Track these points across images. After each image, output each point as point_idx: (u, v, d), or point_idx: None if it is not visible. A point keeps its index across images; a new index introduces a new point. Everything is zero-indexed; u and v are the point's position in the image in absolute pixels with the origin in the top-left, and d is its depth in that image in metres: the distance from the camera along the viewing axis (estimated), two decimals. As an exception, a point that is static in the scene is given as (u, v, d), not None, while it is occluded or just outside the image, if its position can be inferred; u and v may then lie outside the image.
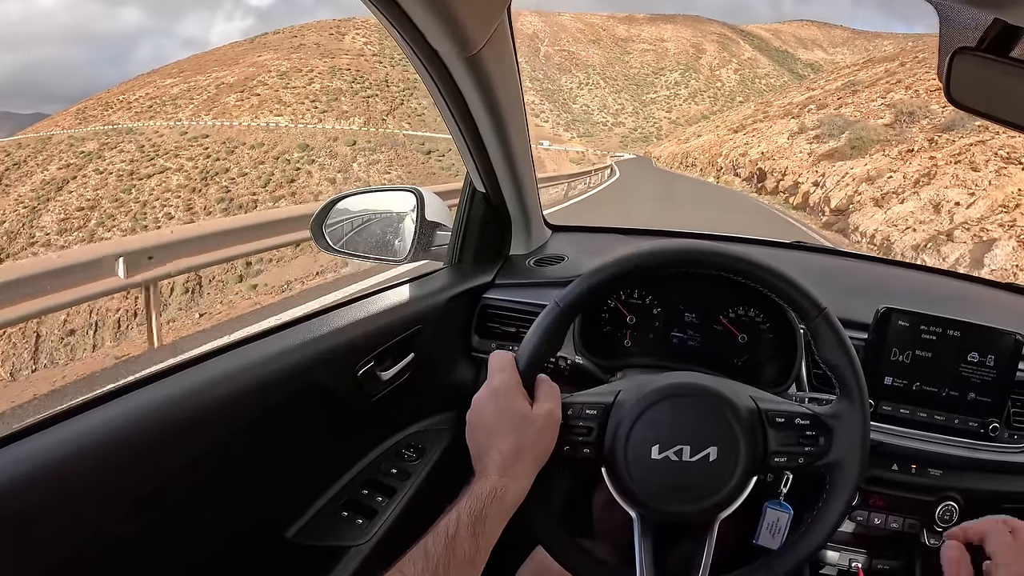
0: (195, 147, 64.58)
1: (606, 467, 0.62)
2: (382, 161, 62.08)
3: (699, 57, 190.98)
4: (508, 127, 0.94)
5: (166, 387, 0.60)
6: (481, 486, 0.55)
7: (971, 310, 1.00)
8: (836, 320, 0.64)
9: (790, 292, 0.64)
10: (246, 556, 0.71)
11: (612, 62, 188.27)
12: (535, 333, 0.64)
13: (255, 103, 77.95)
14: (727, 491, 0.60)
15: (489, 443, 0.58)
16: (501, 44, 0.78)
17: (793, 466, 0.63)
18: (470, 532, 0.51)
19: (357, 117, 73.93)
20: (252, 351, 0.70)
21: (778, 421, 0.62)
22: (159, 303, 4.14)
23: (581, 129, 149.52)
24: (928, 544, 0.97)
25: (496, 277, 1.13)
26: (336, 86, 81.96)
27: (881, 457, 0.92)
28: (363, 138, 66.24)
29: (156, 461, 0.56)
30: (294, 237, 5.02)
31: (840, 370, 0.64)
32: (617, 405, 0.63)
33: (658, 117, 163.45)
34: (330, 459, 0.86)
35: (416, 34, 0.68)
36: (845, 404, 0.64)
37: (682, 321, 1.01)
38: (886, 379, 0.92)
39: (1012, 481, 0.95)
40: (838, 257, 1.48)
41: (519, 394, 0.61)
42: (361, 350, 0.83)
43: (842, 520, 0.63)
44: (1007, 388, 0.91)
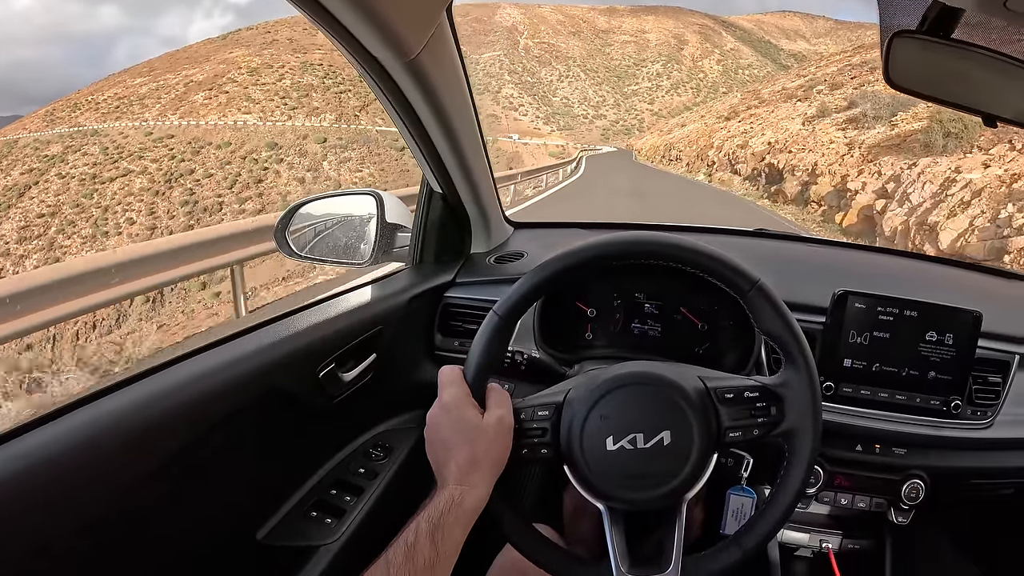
0: (160, 148, 62.67)
1: (567, 465, 0.64)
2: (353, 159, 60.48)
3: (681, 48, 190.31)
4: (457, 128, 0.94)
5: (128, 395, 0.60)
6: (440, 496, 0.57)
7: (928, 289, 1.01)
8: (772, 291, 0.64)
9: (722, 270, 0.65)
10: (216, 558, 0.72)
11: (593, 54, 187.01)
12: (478, 343, 0.66)
13: (223, 101, 75.86)
14: (687, 473, 0.61)
15: (446, 456, 0.60)
16: (441, 47, 0.80)
17: (749, 439, 0.64)
18: (429, 540, 0.53)
19: (329, 114, 72.18)
20: (213, 357, 0.70)
21: (727, 397, 0.63)
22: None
23: (561, 122, 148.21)
24: (896, 522, 1.01)
25: (457, 276, 1.15)
26: (307, 82, 79.98)
27: (845, 438, 0.96)
28: (334, 135, 64.58)
29: (120, 468, 0.56)
30: (259, 249, 4.66)
31: (781, 339, 0.65)
32: (568, 403, 0.64)
33: (640, 109, 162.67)
34: (297, 460, 0.87)
35: (354, 42, 0.69)
36: (792, 372, 0.64)
37: (642, 312, 1.03)
38: (845, 361, 0.94)
39: (976, 457, 0.98)
40: (798, 243, 1.47)
41: (469, 406, 0.63)
42: (321, 352, 0.83)
43: (804, 486, 0.64)
44: (967, 365, 0.92)
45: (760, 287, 0.65)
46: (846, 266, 1.29)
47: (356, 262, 1.11)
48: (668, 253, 0.66)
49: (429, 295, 1.09)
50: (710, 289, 0.92)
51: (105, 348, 5.51)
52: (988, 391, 0.97)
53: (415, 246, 1.15)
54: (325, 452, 0.93)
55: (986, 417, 0.96)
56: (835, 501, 1.01)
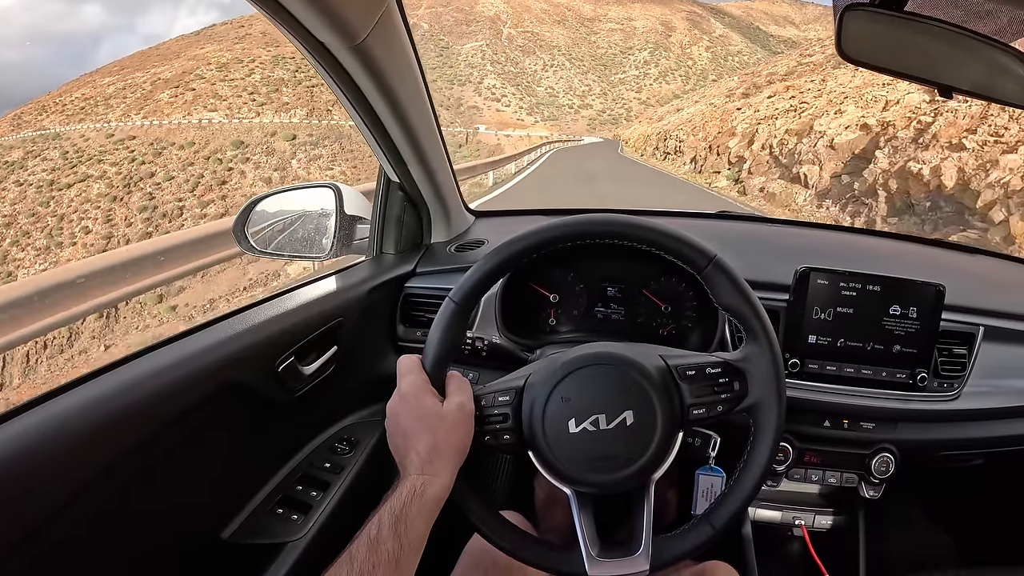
0: (120, 150, 59.67)
1: (531, 450, 0.63)
2: (324, 156, 57.63)
3: (669, 35, 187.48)
4: (410, 115, 0.93)
5: (80, 395, 0.59)
6: (402, 487, 0.56)
7: (890, 265, 1.03)
8: (729, 265, 0.64)
9: (678, 247, 0.64)
10: (180, 560, 0.71)
11: (578, 42, 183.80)
12: (436, 330, 0.65)
13: (189, 99, 72.69)
14: (652, 452, 0.61)
15: (407, 446, 0.59)
16: (390, 31, 0.78)
17: (714, 415, 0.63)
18: (392, 532, 0.52)
19: (299, 109, 69.27)
20: (167, 353, 0.69)
21: (689, 374, 0.63)
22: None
23: (546, 112, 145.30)
24: (868, 497, 1.02)
25: (417, 266, 1.14)
26: (278, 76, 76.86)
27: (812, 414, 0.96)
28: (304, 131, 61.67)
29: (71, 471, 0.55)
30: (220, 256, 4.09)
31: (741, 313, 0.64)
32: (528, 387, 0.64)
33: (627, 98, 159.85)
34: (260, 457, 0.86)
35: (298, 26, 0.67)
36: (753, 346, 0.64)
37: (605, 296, 1.04)
38: (810, 337, 0.94)
39: (945, 429, 0.99)
40: (761, 223, 1.47)
41: (428, 394, 0.62)
42: (280, 345, 0.82)
43: (772, 461, 0.63)
44: (932, 338, 0.93)
45: (717, 262, 0.64)
46: (808, 244, 1.29)
47: (316, 255, 1.10)
48: (623, 232, 0.64)
49: (390, 286, 1.09)
50: (672, 270, 0.93)
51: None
52: (954, 363, 0.97)
53: (374, 237, 1.15)
54: (289, 447, 0.92)
55: (953, 389, 0.96)
56: (806, 478, 1.02)
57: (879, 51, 0.63)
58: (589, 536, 0.62)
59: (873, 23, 0.60)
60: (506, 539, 0.64)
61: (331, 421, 1.01)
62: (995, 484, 1.27)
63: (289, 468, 0.90)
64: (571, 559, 0.62)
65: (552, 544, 0.65)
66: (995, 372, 0.99)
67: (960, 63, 0.63)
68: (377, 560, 0.50)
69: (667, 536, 0.63)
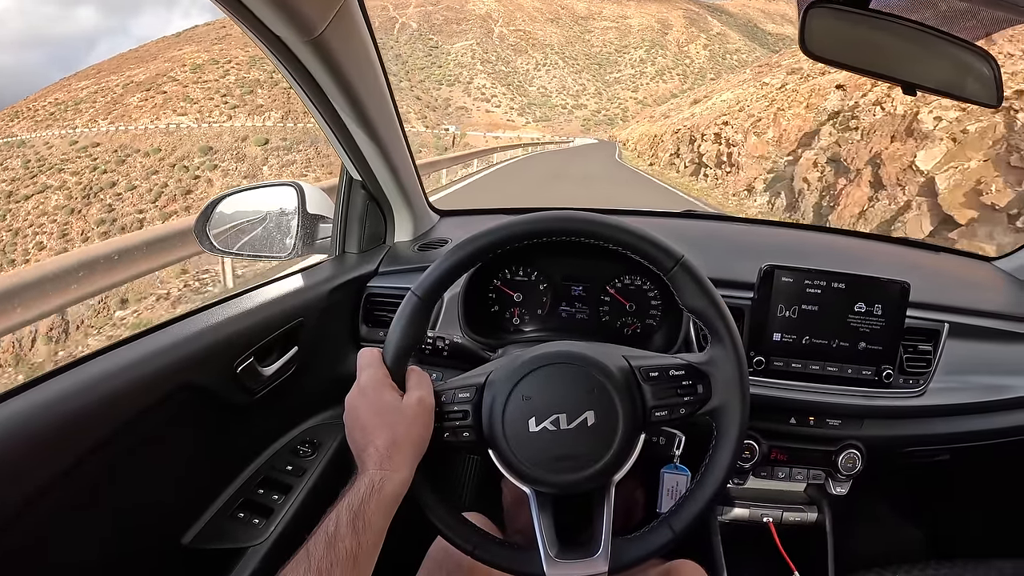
0: (83, 158, 56.38)
1: (491, 448, 0.62)
2: (298, 161, 54.40)
3: (665, 33, 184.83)
4: (370, 112, 0.93)
5: (33, 397, 0.58)
6: (360, 482, 0.55)
7: (855, 263, 1.04)
8: (695, 267, 0.64)
9: (645, 247, 0.64)
10: (139, 566, 0.70)
11: (572, 41, 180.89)
12: (397, 324, 0.64)
13: (159, 102, 69.23)
14: (613, 453, 0.60)
15: (365, 440, 0.58)
16: (348, 25, 0.77)
17: (676, 418, 0.63)
18: (350, 528, 0.51)
19: (274, 111, 66.07)
20: (124, 353, 0.67)
21: (652, 375, 0.63)
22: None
23: (538, 113, 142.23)
24: (835, 493, 1.03)
25: (380, 265, 1.14)
26: (254, 77, 73.67)
27: (778, 412, 0.97)
28: (278, 135, 58.46)
29: (24, 475, 0.53)
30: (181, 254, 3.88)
31: (706, 315, 0.64)
32: (489, 384, 0.63)
33: (623, 97, 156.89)
34: (220, 459, 0.85)
35: (253, 19, 0.67)
36: (718, 349, 0.64)
37: (569, 295, 1.04)
38: (775, 335, 0.94)
39: (910, 425, 1.00)
40: (725, 222, 1.49)
41: (387, 387, 0.61)
42: (239, 346, 0.81)
43: (734, 465, 0.63)
44: (897, 335, 0.93)
45: (683, 263, 0.63)
46: (773, 243, 1.30)
47: (279, 255, 1.09)
48: (589, 231, 0.64)
49: (352, 285, 1.08)
50: (636, 269, 0.94)
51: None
52: (919, 360, 0.98)
53: (337, 236, 1.13)
54: (250, 450, 0.90)
55: (918, 385, 0.97)
56: (773, 475, 1.03)
57: (843, 48, 0.63)
58: (548, 537, 0.62)
59: (837, 20, 0.60)
60: (465, 538, 0.64)
61: (292, 423, 1.00)
62: (961, 479, 1.32)
63: (250, 471, 0.88)
64: (530, 559, 0.62)
65: (512, 544, 0.65)
66: (960, 368, 1.01)
67: (924, 61, 0.63)
68: (335, 558, 0.49)
69: (627, 538, 0.63)
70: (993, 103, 0.67)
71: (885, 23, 0.61)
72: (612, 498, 0.63)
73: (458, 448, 0.63)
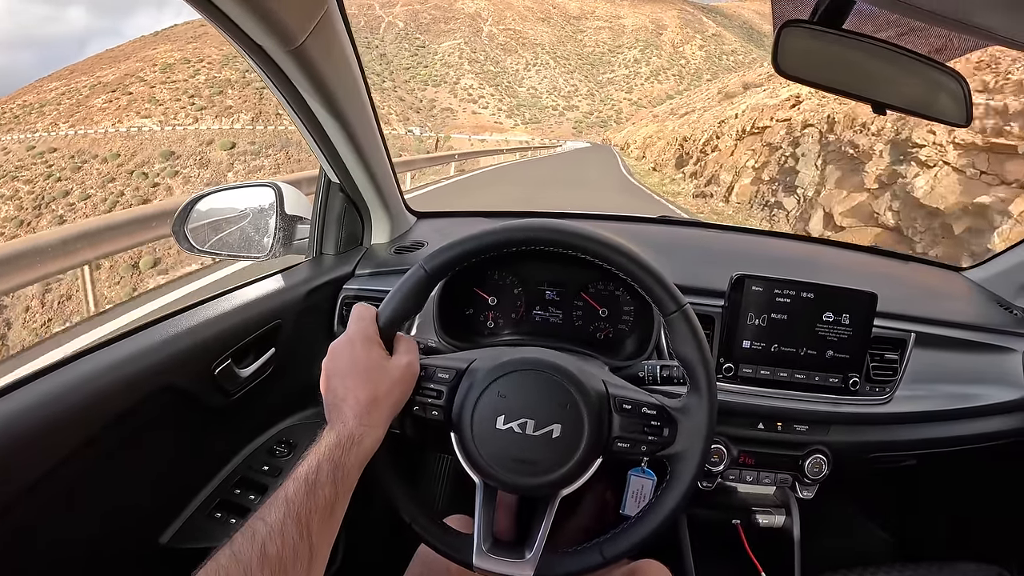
0: (38, 165, 52.94)
1: (454, 432, 0.64)
2: (267, 166, 51.35)
3: (660, 33, 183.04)
4: (349, 117, 0.95)
5: (13, 401, 0.58)
6: (338, 432, 0.55)
7: (826, 272, 1.11)
8: (694, 316, 0.66)
9: (653, 286, 0.66)
10: (117, 566, 0.71)
11: (563, 40, 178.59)
12: (399, 291, 0.65)
13: (124, 104, 65.70)
14: (568, 469, 0.62)
15: (345, 391, 0.58)
16: (328, 35, 0.80)
17: (635, 453, 0.65)
18: (330, 478, 0.52)
19: (244, 113, 62.81)
20: (102, 356, 0.68)
21: (625, 408, 0.64)
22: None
23: (527, 115, 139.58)
24: (802, 496, 1.06)
25: (357, 267, 1.15)
26: (225, 77, 70.59)
27: (746, 417, 0.99)
28: (247, 139, 55.29)
29: (10, 473, 0.55)
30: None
31: (692, 365, 0.66)
32: (470, 372, 0.65)
33: (617, 99, 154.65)
34: (198, 460, 0.87)
35: (235, 29, 0.69)
36: (694, 399, 0.66)
37: (543, 299, 1.04)
38: (744, 343, 0.96)
39: (877, 431, 1.03)
40: (700, 229, 1.52)
41: (376, 344, 0.62)
42: (216, 348, 0.82)
43: (682, 507, 0.65)
44: (864, 344, 0.96)
45: (685, 312, 0.65)
46: (744, 250, 1.32)
47: (256, 255, 1.09)
48: (604, 254, 0.66)
49: (329, 287, 1.09)
50: (610, 276, 0.94)
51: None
52: (886, 368, 1.01)
53: (314, 238, 1.15)
54: (227, 451, 0.92)
55: (885, 393, 1.00)
56: (741, 479, 1.05)
57: (815, 67, 0.65)
58: (484, 530, 0.64)
59: (811, 40, 0.62)
60: (408, 512, 0.66)
61: (269, 424, 1.02)
62: (927, 483, 1.37)
63: (227, 472, 0.90)
64: (461, 546, 0.64)
65: (449, 528, 0.67)
66: (926, 377, 1.03)
67: (895, 81, 0.65)
68: (314, 505, 0.50)
69: (559, 552, 0.65)
70: (962, 122, 0.69)
71: (858, 43, 0.62)
72: (555, 509, 0.65)
73: (422, 422, 0.65)
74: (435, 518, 0.67)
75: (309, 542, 0.48)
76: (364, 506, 0.71)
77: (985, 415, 1.05)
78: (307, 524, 0.48)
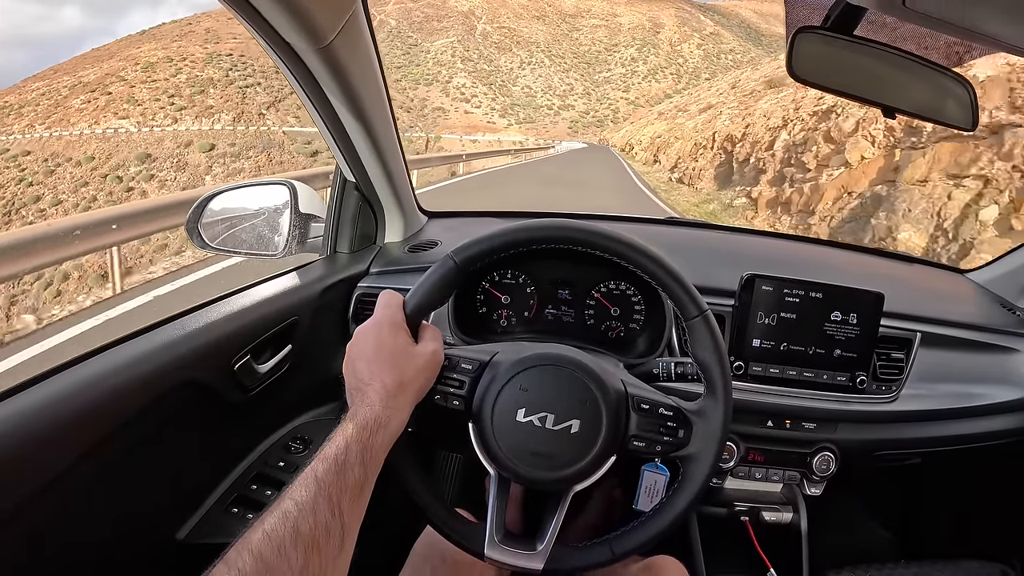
0: (11, 169, 50.86)
1: (473, 423, 0.65)
2: (247, 169, 49.55)
3: (657, 32, 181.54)
4: (370, 117, 0.97)
5: (35, 395, 0.59)
6: (365, 415, 0.56)
7: (833, 272, 1.13)
8: (714, 322, 0.67)
9: (675, 289, 0.67)
10: (135, 561, 0.72)
11: (559, 39, 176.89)
12: (427, 280, 0.66)
13: (102, 104, 63.71)
14: (583, 465, 0.63)
15: (371, 375, 0.59)
16: (355, 34, 0.81)
17: (651, 452, 0.66)
18: (359, 459, 0.52)
19: (225, 113, 60.90)
20: (124, 351, 0.69)
21: (643, 407, 0.66)
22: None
23: (521, 114, 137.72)
24: (809, 493, 1.08)
25: (371, 266, 1.17)
26: (208, 75, 68.86)
27: (756, 415, 1.02)
28: (227, 140, 53.36)
29: (27, 471, 0.55)
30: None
31: (710, 370, 0.67)
32: (492, 364, 0.67)
33: (614, 98, 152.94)
34: (215, 456, 0.88)
35: (267, 27, 0.70)
36: (710, 402, 0.67)
37: (556, 298, 1.07)
38: (754, 341, 0.98)
39: (882, 430, 1.05)
40: (709, 231, 1.54)
41: (402, 330, 0.63)
42: (236, 344, 0.83)
43: (692, 509, 0.66)
44: (871, 343, 0.98)
45: (706, 317, 0.67)
46: (754, 252, 1.36)
47: (270, 253, 1.11)
48: (630, 256, 0.67)
49: (343, 285, 1.11)
50: (622, 274, 1.00)
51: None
52: (892, 367, 1.03)
53: (328, 236, 1.16)
54: (243, 446, 0.94)
55: (891, 391, 1.02)
56: (750, 475, 1.07)
57: (828, 72, 0.67)
58: (497, 520, 0.65)
59: (824, 46, 0.64)
60: (423, 501, 0.67)
61: (285, 420, 1.03)
62: (931, 481, 1.40)
63: (243, 467, 0.91)
64: (473, 535, 0.65)
65: (462, 518, 0.68)
66: (931, 376, 1.06)
67: (905, 86, 0.68)
68: (344, 485, 0.50)
69: (569, 546, 0.66)
70: (969, 126, 0.70)
71: (869, 49, 0.64)
72: (567, 503, 0.66)
73: (443, 411, 0.65)
74: (449, 509, 0.68)
75: (341, 521, 0.48)
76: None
77: (988, 414, 1.07)
78: (338, 503, 0.48)
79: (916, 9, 0.51)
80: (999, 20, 0.52)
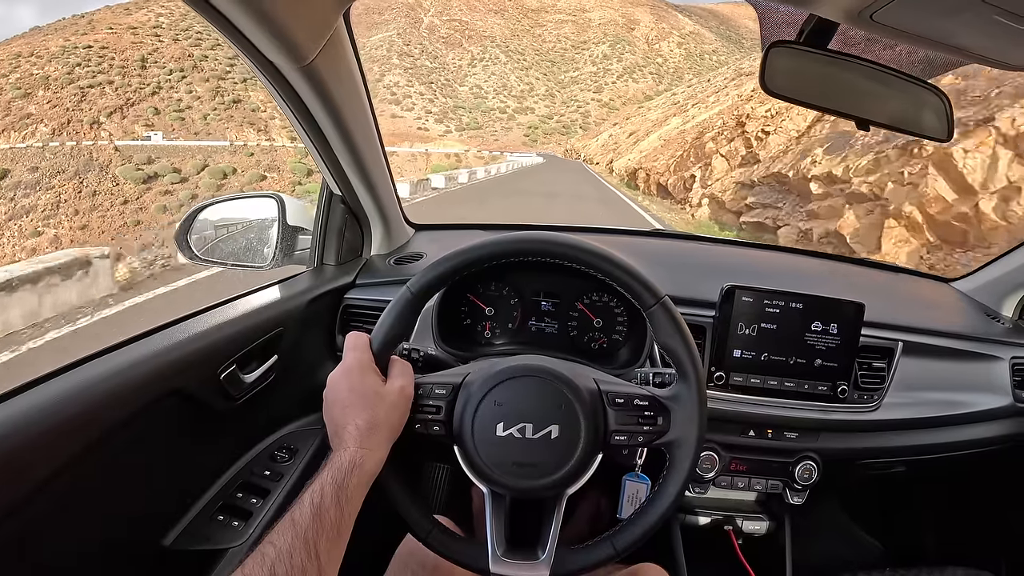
0: None
1: (457, 445, 0.68)
2: (40, 206, 36.59)
3: (632, 29, 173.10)
4: (354, 132, 1.01)
5: (21, 403, 0.61)
6: (340, 458, 0.59)
7: (814, 283, 1.16)
8: (673, 308, 0.70)
9: (630, 282, 0.70)
10: (121, 568, 0.74)
11: (518, 34, 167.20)
12: (388, 316, 0.70)
13: None
14: (570, 467, 0.65)
15: (344, 419, 0.62)
16: (337, 52, 0.85)
17: (634, 444, 0.69)
18: (334, 500, 0.55)
19: (45, 124, 48.02)
20: (111, 360, 0.71)
21: (618, 402, 0.68)
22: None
23: (465, 119, 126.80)
24: (792, 502, 1.11)
25: (357, 277, 1.21)
26: (44, 74, 55.56)
27: (737, 424, 1.04)
28: (31, 160, 40.45)
29: (17, 475, 0.56)
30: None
31: (677, 355, 0.70)
32: (465, 385, 0.69)
33: (583, 99, 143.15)
34: (201, 464, 0.90)
35: (249, 46, 0.73)
36: (682, 386, 0.70)
37: (539, 310, 1.09)
38: (735, 352, 1.02)
39: (863, 438, 1.08)
40: (692, 242, 1.57)
41: (371, 371, 0.66)
42: (222, 353, 0.86)
43: (682, 493, 0.69)
44: (852, 353, 1.02)
45: (664, 303, 0.69)
46: (738, 263, 1.38)
47: (258, 265, 1.14)
48: (582, 258, 0.70)
49: (329, 297, 1.14)
50: (603, 286, 1.04)
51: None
52: (874, 376, 1.07)
53: (316, 248, 1.21)
54: (229, 455, 0.96)
55: (873, 400, 1.05)
56: (732, 485, 1.09)
57: (801, 86, 0.69)
58: (497, 535, 0.67)
59: (797, 59, 0.66)
60: (421, 526, 0.69)
61: (271, 429, 1.05)
62: (916, 489, 1.43)
63: (230, 475, 0.94)
64: (476, 553, 0.68)
65: (463, 538, 0.70)
66: (914, 384, 1.09)
67: (879, 98, 0.70)
68: (321, 527, 0.53)
69: (571, 548, 0.68)
70: (944, 137, 0.72)
71: (842, 63, 0.66)
72: (563, 508, 0.68)
73: (426, 439, 0.68)
74: (449, 532, 0.69)
75: (318, 563, 0.51)
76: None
77: (972, 422, 1.11)
78: (315, 545, 0.51)
79: (884, 23, 0.53)
80: (966, 32, 0.54)
